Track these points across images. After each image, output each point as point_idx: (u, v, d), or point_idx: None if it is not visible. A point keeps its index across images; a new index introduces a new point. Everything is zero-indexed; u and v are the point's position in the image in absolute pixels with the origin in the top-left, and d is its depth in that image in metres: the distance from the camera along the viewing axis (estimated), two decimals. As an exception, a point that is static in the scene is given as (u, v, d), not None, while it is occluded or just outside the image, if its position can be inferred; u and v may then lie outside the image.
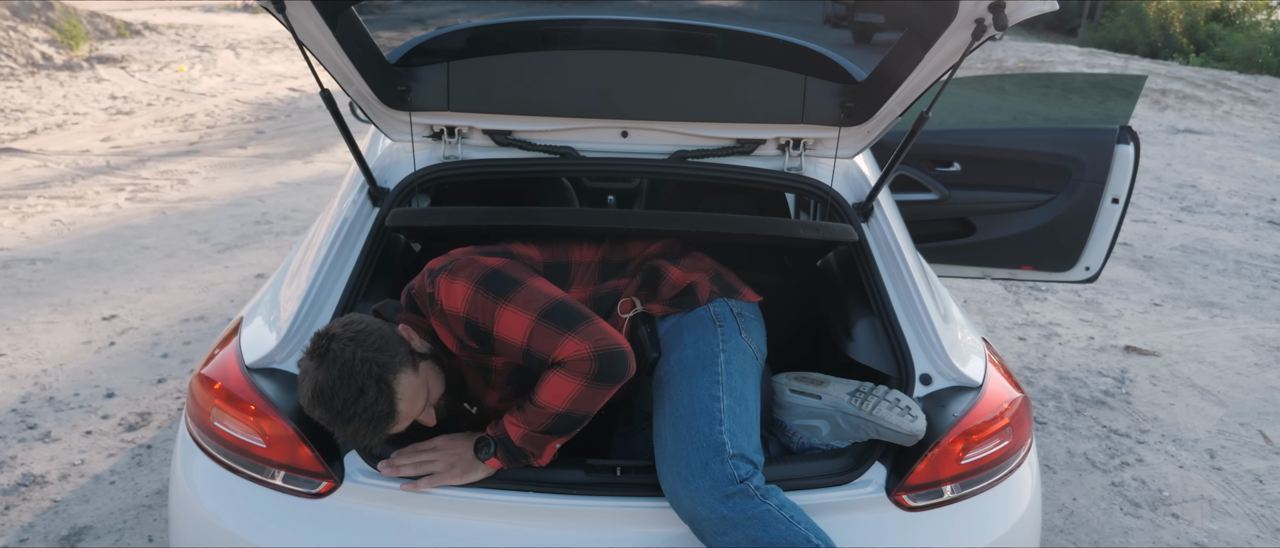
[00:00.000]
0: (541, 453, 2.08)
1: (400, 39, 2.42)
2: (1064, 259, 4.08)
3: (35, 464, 3.73)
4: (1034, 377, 4.88)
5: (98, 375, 4.49)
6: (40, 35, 14.45)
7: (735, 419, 2.09)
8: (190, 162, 8.88)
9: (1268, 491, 3.91)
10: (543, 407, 2.02)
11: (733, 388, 2.14)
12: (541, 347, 2.02)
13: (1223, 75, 16.71)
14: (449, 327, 2.13)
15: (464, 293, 2.07)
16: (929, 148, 4.04)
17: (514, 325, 2.03)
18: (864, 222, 2.56)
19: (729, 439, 2.04)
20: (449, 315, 2.09)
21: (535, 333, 2.02)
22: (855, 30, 2.65)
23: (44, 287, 5.59)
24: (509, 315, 2.04)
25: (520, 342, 2.03)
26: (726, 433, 2.05)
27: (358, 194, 2.53)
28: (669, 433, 2.08)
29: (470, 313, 2.07)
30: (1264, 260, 7.07)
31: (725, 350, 2.21)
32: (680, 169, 2.60)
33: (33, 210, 7.10)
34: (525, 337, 2.03)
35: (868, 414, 2.17)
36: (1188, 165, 10.18)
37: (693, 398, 2.11)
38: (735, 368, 2.19)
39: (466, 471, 2.07)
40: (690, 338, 2.24)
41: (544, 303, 2.05)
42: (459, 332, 2.11)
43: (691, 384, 2.14)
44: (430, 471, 2.07)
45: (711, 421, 2.06)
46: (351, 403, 1.91)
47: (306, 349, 2.00)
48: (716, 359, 2.18)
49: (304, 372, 1.98)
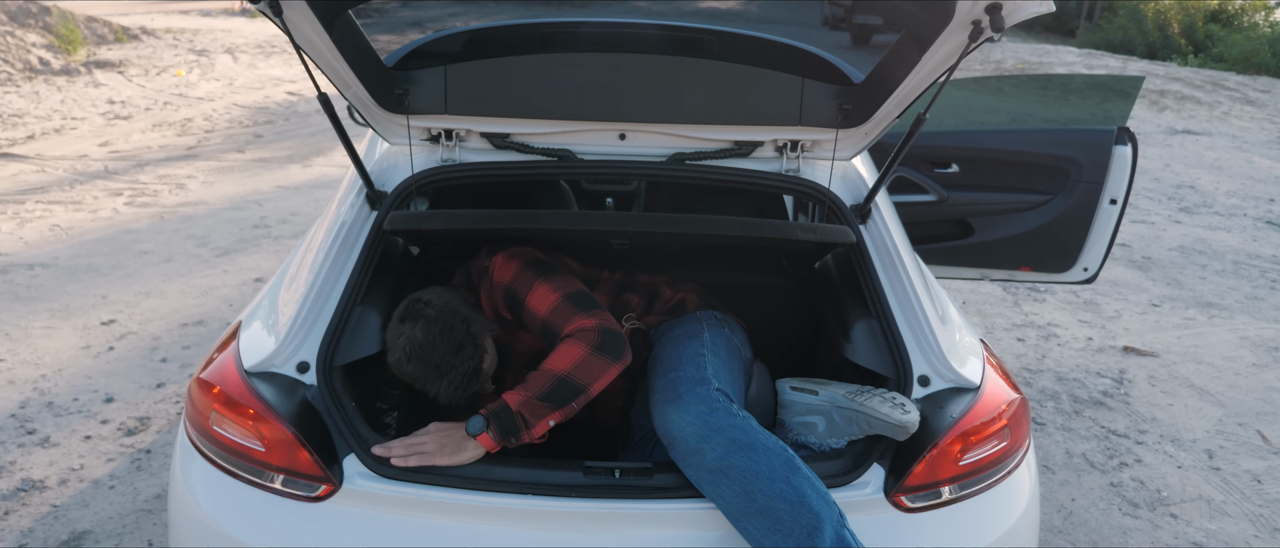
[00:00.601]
0: (535, 424, 2.18)
1: (397, 42, 2.42)
2: (1062, 260, 4.08)
3: (34, 469, 3.72)
4: (1032, 378, 4.88)
5: (97, 380, 4.49)
6: (38, 40, 14.45)
7: (718, 372, 2.30)
8: (188, 166, 8.88)
9: (1266, 491, 3.91)
10: (546, 370, 2.23)
11: (717, 353, 2.40)
12: (558, 320, 2.35)
13: (1221, 76, 16.72)
14: (492, 297, 2.49)
15: (515, 268, 2.46)
16: (927, 149, 4.04)
17: (542, 298, 2.39)
18: (862, 223, 2.56)
19: (714, 378, 2.26)
20: (496, 285, 2.48)
21: (557, 308, 2.36)
22: (853, 32, 2.66)
23: (42, 292, 5.59)
24: (541, 289, 2.41)
25: (543, 313, 2.38)
26: (712, 376, 2.27)
27: (356, 198, 2.53)
28: (660, 383, 2.30)
29: (513, 283, 2.44)
30: (1262, 261, 7.08)
31: (710, 332, 2.49)
32: (678, 171, 2.60)
33: (31, 216, 7.10)
34: (548, 309, 2.37)
35: (860, 406, 2.21)
36: (1186, 166, 10.19)
37: (680, 355, 2.37)
38: (720, 347, 2.44)
39: (456, 450, 2.13)
40: (679, 329, 2.53)
41: (571, 289, 2.41)
42: (499, 301, 2.48)
43: (679, 349, 2.40)
44: (422, 451, 2.12)
45: (698, 367, 2.30)
46: (450, 357, 2.24)
47: (399, 313, 2.31)
48: (702, 335, 2.46)
49: (396, 333, 2.28)
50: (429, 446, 2.13)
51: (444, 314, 2.27)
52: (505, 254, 2.51)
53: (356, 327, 2.32)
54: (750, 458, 2.04)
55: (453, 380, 2.26)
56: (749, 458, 2.04)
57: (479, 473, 2.09)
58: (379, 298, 2.44)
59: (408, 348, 2.25)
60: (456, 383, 2.27)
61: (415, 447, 2.12)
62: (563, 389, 2.20)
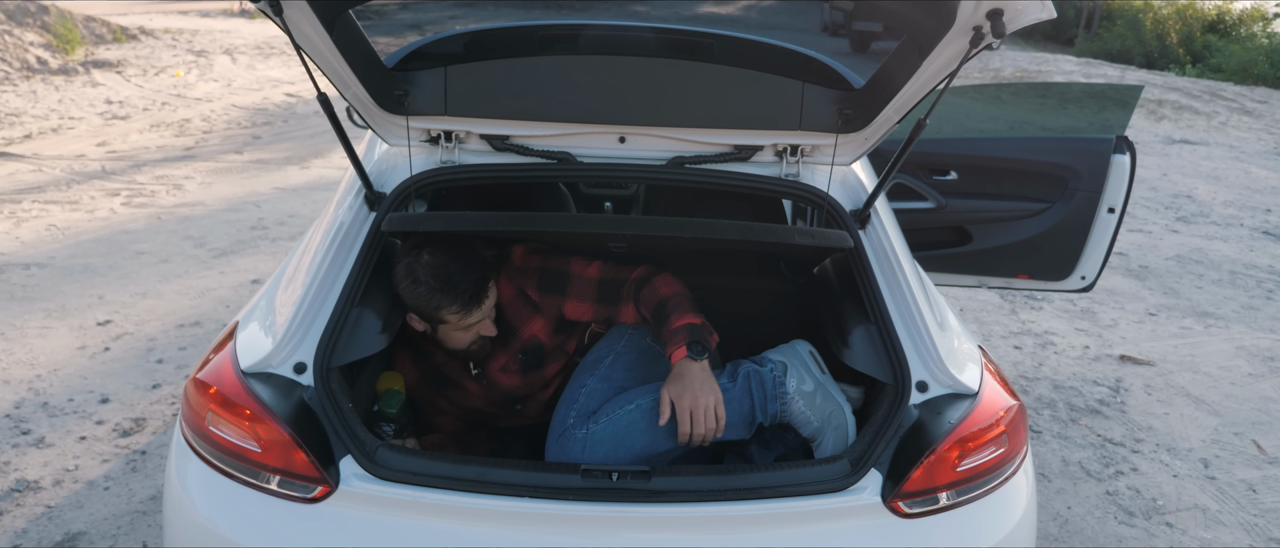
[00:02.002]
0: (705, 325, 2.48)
1: (397, 43, 2.42)
2: (1060, 268, 4.08)
3: (29, 470, 3.71)
4: (1030, 385, 4.88)
5: (92, 381, 4.48)
6: (36, 40, 14.45)
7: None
8: (186, 167, 8.87)
9: (1261, 500, 3.91)
10: (676, 291, 2.55)
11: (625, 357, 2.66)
12: (615, 275, 2.65)
13: (1219, 86, 16.76)
14: (515, 280, 2.68)
15: (540, 255, 2.72)
16: (926, 156, 4.04)
17: (586, 266, 2.67)
18: (861, 229, 2.56)
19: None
20: (522, 269, 2.69)
21: (605, 268, 2.67)
22: (853, 38, 2.66)
23: (39, 292, 5.58)
24: (579, 261, 2.69)
25: (596, 275, 2.65)
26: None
27: (354, 199, 2.53)
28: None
29: (547, 263, 2.69)
30: (1258, 271, 7.09)
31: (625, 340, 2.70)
32: (677, 175, 2.60)
33: (28, 215, 7.09)
34: (598, 270, 2.66)
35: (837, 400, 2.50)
36: (1183, 176, 10.21)
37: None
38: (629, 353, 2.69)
39: (708, 382, 2.37)
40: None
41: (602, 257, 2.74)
42: (530, 282, 2.67)
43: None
44: (711, 415, 2.34)
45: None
46: (463, 273, 2.45)
47: (405, 247, 2.52)
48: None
49: (408, 262, 2.47)
50: (706, 402, 2.33)
51: (452, 243, 2.50)
52: (524, 247, 2.74)
53: (354, 328, 2.31)
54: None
55: (465, 290, 2.45)
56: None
57: (476, 475, 2.08)
58: (377, 299, 2.43)
59: (420, 269, 2.46)
60: (469, 292, 2.46)
61: (702, 416, 2.33)
62: (692, 298, 2.55)
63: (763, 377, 2.50)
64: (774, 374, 2.50)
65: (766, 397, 2.48)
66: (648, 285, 2.60)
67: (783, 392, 2.48)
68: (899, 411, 2.24)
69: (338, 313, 2.30)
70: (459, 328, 2.55)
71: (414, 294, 2.49)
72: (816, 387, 2.50)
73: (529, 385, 2.81)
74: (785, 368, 2.52)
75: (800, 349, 2.62)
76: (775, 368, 2.52)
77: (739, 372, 2.52)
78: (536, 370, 2.79)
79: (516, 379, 2.78)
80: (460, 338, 2.59)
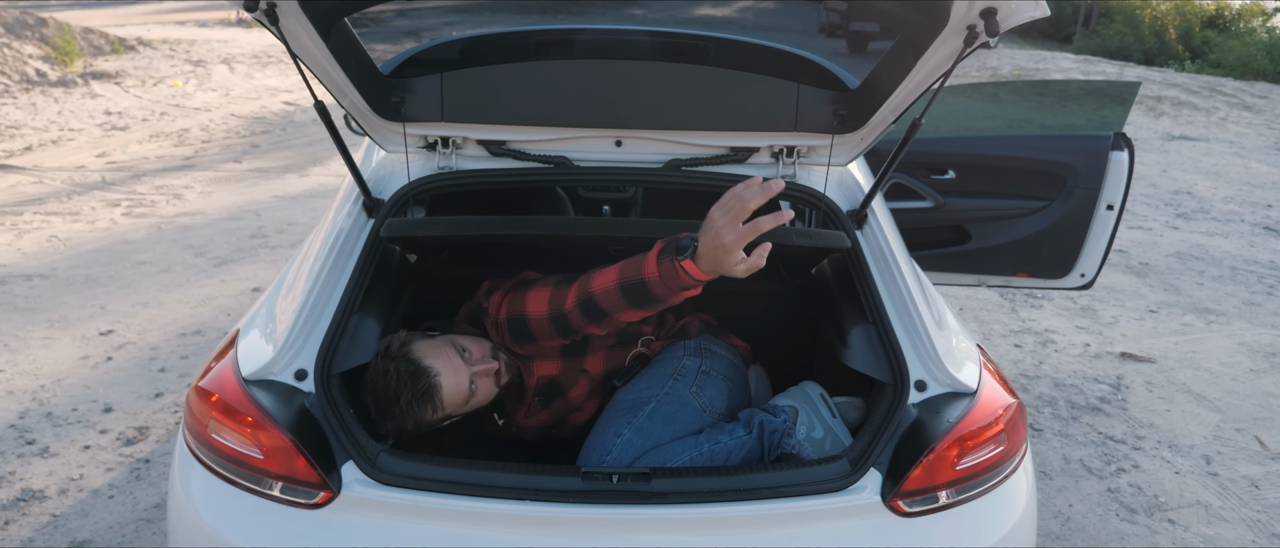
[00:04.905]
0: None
1: (394, 50, 2.43)
2: (1059, 266, 4.08)
3: (34, 479, 3.72)
4: (1030, 383, 4.88)
5: (95, 390, 4.49)
6: (34, 52, 14.46)
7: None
8: (185, 176, 8.88)
9: (1263, 496, 3.91)
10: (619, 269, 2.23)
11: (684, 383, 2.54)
12: (559, 300, 2.35)
13: (1218, 82, 16.76)
14: (500, 333, 2.51)
15: (508, 300, 2.49)
16: (924, 155, 4.05)
17: (537, 299, 2.41)
18: (858, 229, 2.57)
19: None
20: (499, 323, 2.50)
21: (553, 295, 2.38)
22: (849, 39, 2.66)
23: (41, 303, 5.59)
24: (533, 294, 2.43)
25: (544, 310, 2.39)
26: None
27: (353, 206, 2.53)
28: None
29: (510, 310, 2.46)
30: (1259, 267, 7.09)
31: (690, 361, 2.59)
32: (674, 178, 2.61)
33: (29, 227, 7.10)
34: (546, 301, 2.39)
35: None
36: (1183, 172, 10.21)
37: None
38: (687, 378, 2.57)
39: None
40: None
41: (557, 280, 2.45)
42: (506, 336, 2.48)
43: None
44: (753, 187, 2.03)
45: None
46: (410, 386, 2.31)
47: (385, 344, 2.38)
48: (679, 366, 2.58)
49: (379, 361, 2.35)
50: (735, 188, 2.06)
51: (415, 366, 2.33)
52: (500, 292, 2.56)
53: (354, 334, 2.32)
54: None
55: (398, 424, 2.34)
56: None
57: (478, 479, 2.09)
58: (376, 305, 2.44)
59: (369, 385, 2.35)
60: (413, 413, 2.33)
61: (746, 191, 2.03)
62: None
63: (775, 426, 2.43)
64: (786, 425, 2.44)
65: (775, 446, 2.43)
66: (587, 297, 2.28)
67: (791, 443, 2.43)
68: (898, 410, 2.25)
69: (337, 320, 2.31)
70: (445, 413, 2.42)
71: (368, 391, 2.38)
72: (826, 433, 2.46)
73: (558, 413, 2.69)
74: (795, 414, 2.48)
75: (811, 393, 2.55)
76: (786, 417, 2.47)
77: (754, 421, 2.44)
78: (560, 398, 2.66)
79: (543, 415, 2.67)
80: (462, 407, 2.46)
